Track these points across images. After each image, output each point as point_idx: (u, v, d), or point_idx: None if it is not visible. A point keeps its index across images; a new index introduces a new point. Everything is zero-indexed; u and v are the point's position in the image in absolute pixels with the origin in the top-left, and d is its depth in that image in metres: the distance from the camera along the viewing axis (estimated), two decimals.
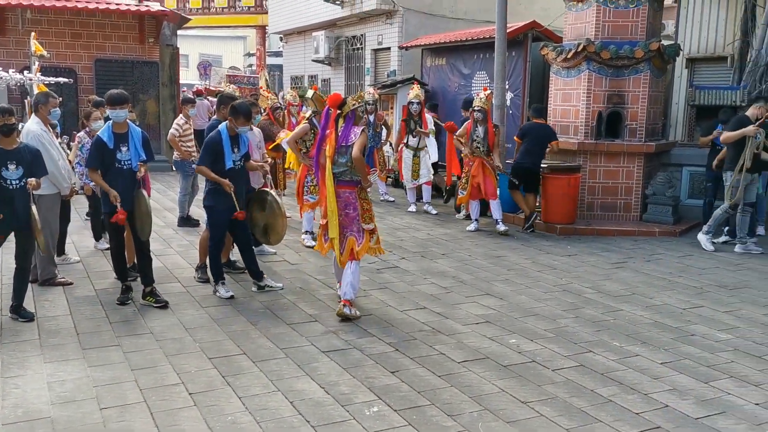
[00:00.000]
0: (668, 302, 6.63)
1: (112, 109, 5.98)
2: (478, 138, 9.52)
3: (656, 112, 10.51)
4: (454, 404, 4.32)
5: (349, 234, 5.98)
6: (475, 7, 17.22)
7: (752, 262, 8.24)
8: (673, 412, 4.29)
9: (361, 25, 18.78)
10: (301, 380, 4.64)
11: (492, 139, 9.47)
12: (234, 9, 29.84)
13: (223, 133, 6.30)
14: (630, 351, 5.32)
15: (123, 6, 15.86)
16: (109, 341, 5.28)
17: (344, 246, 5.98)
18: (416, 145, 11.28)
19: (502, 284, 7.13)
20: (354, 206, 5.96)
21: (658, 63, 10.02)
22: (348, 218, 5.97)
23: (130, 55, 16.29)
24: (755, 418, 4.24)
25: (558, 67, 10.55)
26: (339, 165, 5.86)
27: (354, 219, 5.97)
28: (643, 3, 9.81)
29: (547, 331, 5.72)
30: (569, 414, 4.23)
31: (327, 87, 21.13)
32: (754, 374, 4.91)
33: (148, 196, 6.23)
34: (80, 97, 15.39)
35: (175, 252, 8.19)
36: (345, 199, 5.94)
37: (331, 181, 5.84)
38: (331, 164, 5.84)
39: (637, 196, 10.17)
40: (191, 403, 4.26)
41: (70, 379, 4.57)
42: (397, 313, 6.10)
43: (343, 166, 5.85)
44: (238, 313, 6.02)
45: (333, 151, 5.84)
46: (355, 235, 5.97)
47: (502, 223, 9.65)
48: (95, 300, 6.29)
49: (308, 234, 8.62)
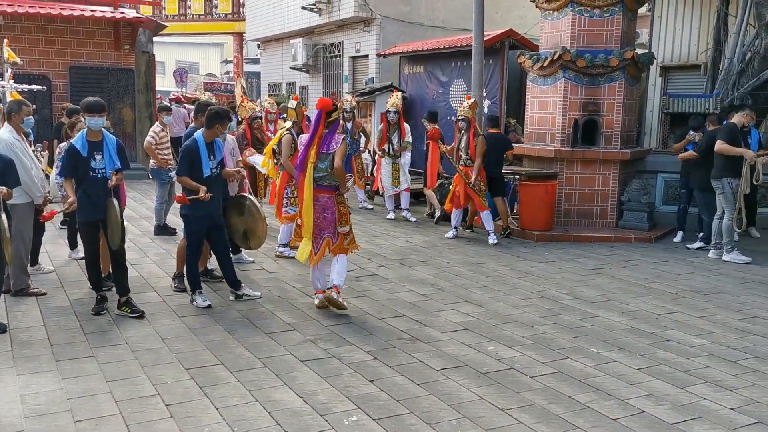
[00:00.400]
0: (644, 308, 6.69)
1: (90, 116, 5.93)
2: (462, 148, 9.56)
3: (631, 119, 10.63)
4: (433, 412, 4.32)
5: (327, 236, 6.22)
6: (452, 15, 17.34)
7: (726, 268, 8.34)
8: (649, 417, 4.32)
9: (338, 33, 18.81)
10: (279, 390, 4.61)
11: (473, 148, 9.47)
12: (211, 16, 29.73)
13: (199, 140, 6.27)
14: (607, 357, 5.36)
15: (98, 13, 15.72)
16: (83, 352, 5.20)
17: (320, 246, 6.22)
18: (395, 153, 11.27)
19: (481, 291, 7.16)
20: (332, 210, 6.22)
21: (633, 71, 10.13)
22: (326, 221, 6.22)
23: (105, 62, 16.14)
24: (730, 422, 4.28)
25: (534, 75, 10.64)
26: (319, 170, 6.10)
27: (331, 222, 6.23)
28: (618, 12, 9.92)
29: (525, 338, 5.74)
30: (547, 421, 4.24)
31: (305, 94, 21.12)
32: (729, 379, 4.97)
33: (124, 206, 6.17)
34: (54, 105, 15.21)
35: (151, 261, 8.11)
36: (323, 203, 6.19)
37: (311, 184, 6.07)
38: (312, 168, 6.04)
39: (613, 202, 10.27)
40: (167, 414, 4.21)
41: (44, 392, 4.49)
42: (376, 321, 6.09)
43: (323, 171, 6.11)
44: (215, 322, 5.97)
45: (316, 157, 6.05)
46: (331, 236, 6.23)
47: (493, 234, 9.56)
48: (69, 310, 6.20)
49: (285, 247, 8.55)
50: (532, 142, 10.84)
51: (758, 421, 4.30)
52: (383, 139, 11.38)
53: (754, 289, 7.42)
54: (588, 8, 9.95)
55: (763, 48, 10.97)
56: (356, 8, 16.84)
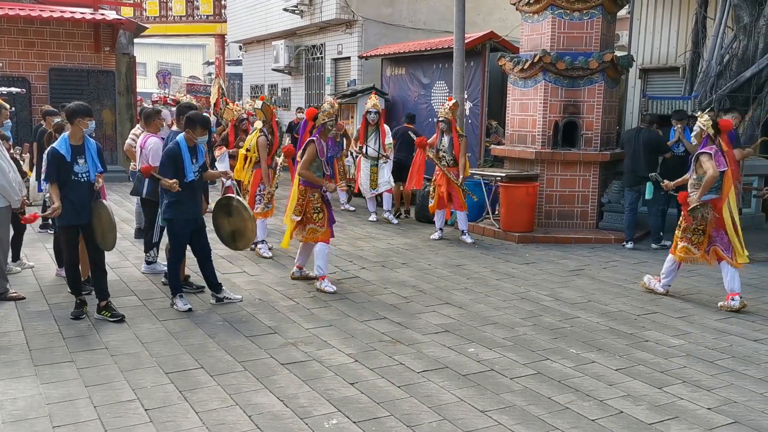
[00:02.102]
0: (623, 309, 6.75)
1: (90, 120, 5.96)
2: (444, 147, 9.61)
3: (611, 121, 10.71)
4: (413, 415, 4.33)
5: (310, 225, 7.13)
6: (434, 17, 17.38)
7: (704, 268, 8.42)
8: (627, 418, 4.37)
9: (321, 35, 18.80)
10: (259, 393, 4.60)
11: (457, 149, 9.53)
12: (192, 17, 29.57)
13: (182, 144, 6.23)
14: (586, 358, 5.40)
15: (78, 14, 15.58)
16: (62, 357, 5.17)
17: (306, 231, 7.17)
18: (375, 155, 11.19)
19: (462, 293, 7.19)
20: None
21: (612, 73, 10.22)
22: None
23: (85, 64, 15.99)
24: (707, 422, 4.33)
25: (515, 78, 10.70)
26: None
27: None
28: (597, 15, 10.00)
29: (505, 340, 5.77)
30: (527, 422, 4.27)
31: (287, 96, 21.10)
32: (706, 379, 5.03)
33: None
34: (34, 107, 15.06)
35: (131, 264, 8.06)
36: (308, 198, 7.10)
37: (297, 180, 7.09)
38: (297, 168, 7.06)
39: (594, 204, 10.35)
40: (147, 419, 4.20)
41: (22, 397, 4.46)
42: (357, 324, 6.10)
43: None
44: (195, 326, 5.95)
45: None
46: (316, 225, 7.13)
47: (468, 234, 9.76)
48: (48, 315, 6.16)
49: (264, 243, 8.61)
50: (513, 143, 10.90)
51: (735, 421, 4.36)
52: (360, 138, 11.34)
53: None
54: (568, 11, 10.03)
55: (740, 50, 11.10)
56: (338, 10, 16.85)
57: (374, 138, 11.19)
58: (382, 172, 11.28)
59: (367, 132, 11.24)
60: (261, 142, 8.29)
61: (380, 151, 11.13)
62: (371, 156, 11.25)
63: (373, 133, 11.19)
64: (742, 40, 11.07)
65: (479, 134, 13.00)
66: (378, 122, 11.22)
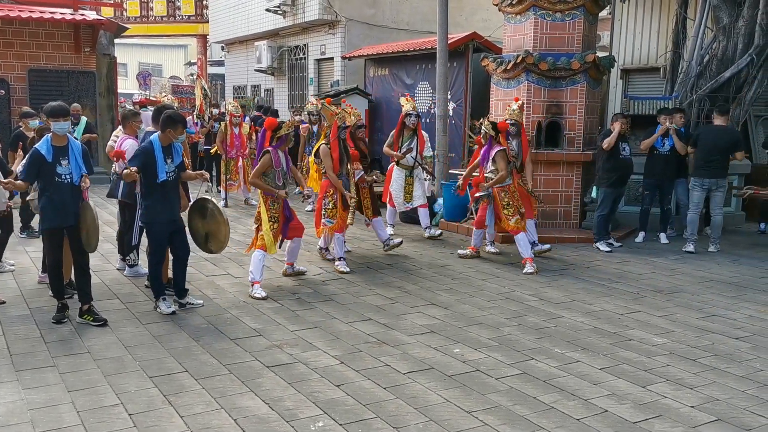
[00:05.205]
0: (607, 308, 6.80)
1: (55, 121, 5.83)
2: (513, 152, 8.67)
3: (593, 122, 10.78)
4: (399, 416, 4.33)
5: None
6: (417, 17, 17.42)
7: (686, 267, 8.52)
8: (612, 416, 4.39)
9: (303, 35, 18.77)
10: (244, 396, 4.58)
11: (526, 153, 8.79)
12: (174, 18, 29.35)
13: (155, 143, 6.13)
14: (571, 357, 5.43)
15: (57, 15, 15.45)
16: (44, 362, 5.11)
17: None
18: (411, 163, 9.83)
19: (447, 294, 7.20)
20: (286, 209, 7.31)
21: (594, 74, 10.28)
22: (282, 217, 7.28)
23: (65, 65, 15.85)
24: (691, 420, 4.37)
25: (498, 78, 10.73)
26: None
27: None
28: (579, 16, 10.06)
29: (490, 340, 5.79)
30: (512, 422, 4.28)
31: (270, 97, 21.04)
32: (690, 377, 5.07)
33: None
34: (13, 108, 14.91)
35: (114, 267, 7.99)
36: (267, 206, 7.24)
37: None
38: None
39: (576, 204, 10.40)
40: (131, 424, 4.16)
41: (3, 403, 4.40)
42: (342, 325, 6.09)
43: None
44: (180, 329, 5.91)
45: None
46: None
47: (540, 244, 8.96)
48: (29, 319, 6.09)
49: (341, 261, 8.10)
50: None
51: (718, 418, 4.40)
52: (394, 144, 9.81)
53: (713, 288, 7.58)
54: (550, 12, 10.07)
55: (720, 51, 11.22)
56: (321, 11, 16.83)
57: (411, 143, 9.72)
58: (417, 183, 9.93)
59: (402, 137, 9.82)
60: (323, 150, 7.94)
61: (417, 159, 9.78)
62: (407, 165, 9.88)
63: (409, 138, 9.75)
64: (722, 40, 11.19)
65: (462, 135, 13.03)
66: (416, 127, 9.79)
